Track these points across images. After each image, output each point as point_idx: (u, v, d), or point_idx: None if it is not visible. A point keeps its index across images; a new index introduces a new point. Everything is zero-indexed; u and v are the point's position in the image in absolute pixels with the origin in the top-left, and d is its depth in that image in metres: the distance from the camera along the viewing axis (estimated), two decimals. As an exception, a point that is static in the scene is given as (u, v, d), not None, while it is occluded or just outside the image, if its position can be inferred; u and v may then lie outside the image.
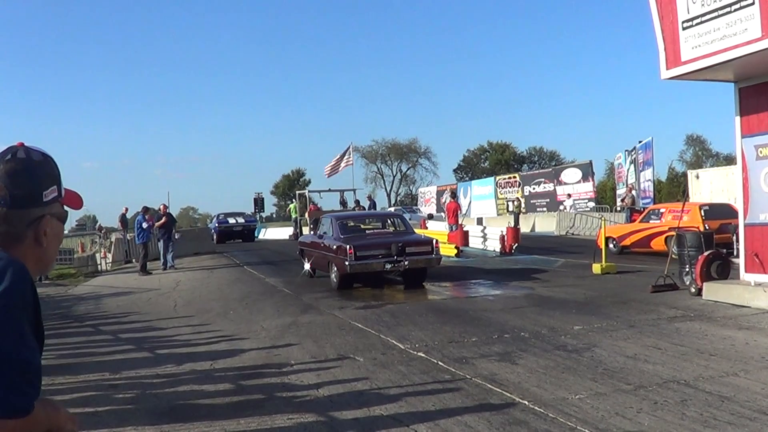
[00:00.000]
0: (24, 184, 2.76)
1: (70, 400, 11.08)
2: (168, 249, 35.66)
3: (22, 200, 2.75)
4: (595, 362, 12.12)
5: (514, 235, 36.32)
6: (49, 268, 3.11)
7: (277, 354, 14.18)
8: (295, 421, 9.61)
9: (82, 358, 14.79)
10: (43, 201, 2.82)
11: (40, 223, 2.81)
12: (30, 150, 2.86)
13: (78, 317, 21.43)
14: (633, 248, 32.05)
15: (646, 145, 52.03)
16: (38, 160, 2.85)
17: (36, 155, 2.85)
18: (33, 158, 2.83)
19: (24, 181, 2.76)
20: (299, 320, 17.94)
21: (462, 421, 9.15)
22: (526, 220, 58.46)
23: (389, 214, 36.50)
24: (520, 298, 20.29)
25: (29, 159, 2.82)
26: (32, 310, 2.61)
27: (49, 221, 2.85)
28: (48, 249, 2.89)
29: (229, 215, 62.61)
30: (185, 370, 13.24)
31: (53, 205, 2.88)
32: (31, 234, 2.80)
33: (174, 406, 10.75)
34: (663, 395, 9.92)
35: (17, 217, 2.75)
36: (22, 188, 2.75)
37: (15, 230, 2.76)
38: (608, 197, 78.42)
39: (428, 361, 12.75)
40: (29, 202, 2.77)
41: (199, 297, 24.44)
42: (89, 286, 31.39)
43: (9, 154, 2.81)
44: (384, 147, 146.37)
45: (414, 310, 18.67)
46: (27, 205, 2.77)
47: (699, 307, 17.17)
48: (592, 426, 8.69)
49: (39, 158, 2.86)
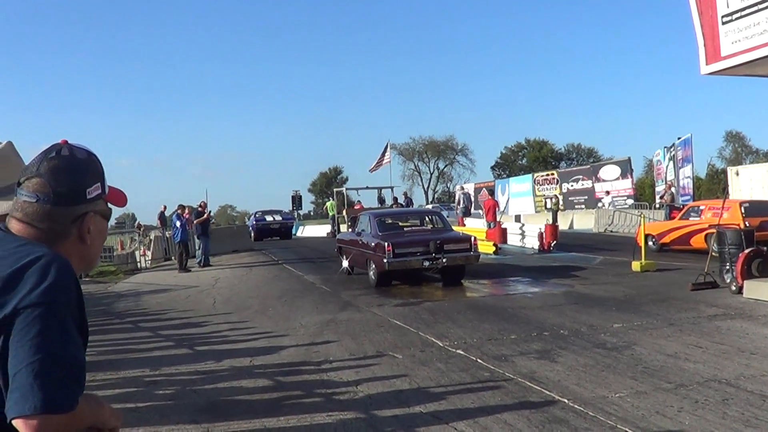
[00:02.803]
0: (67, 181, 2.78)
1: (111, 396, 11.16)
2: (206, 246, 35.88)
3: (65, 197, 2.76)
4: (635, 360, 12.07)
5: (552, 233, 36.18)
6: (93, 265, 3.12)
7: (316, 351, 14.21)
8: (334, 418, 9.62)
9: (122, 355, 14.91)
10: (87, 198, 2.83)
11: (83, 221, 2.83)
12: (74, 147, 2.88)
13: (118, 314, 21.58)
14: (672, 246, 31.77)
15: (685, 141, 51.71)
16: (82, 158, 2.86)
17: (80, 153, 2.87)
18: (77, 155, 2.85)
19: (67, 178, 2.78)
20: (338, 317, 17.97)
21: (501, 419, 9.13)
22: (564, 217, 58.19)
23: (427, 211, 36.48)
24: (558, 296, 20.22)
25: (73, 156, 2.84)
26: (77, 306, 2.62)
27: (92, 218, 2.86)
28: (92, 246, 2.90)
29: (266, 213, 62.71)
30: (224, 366, 13.30)
31: (97, 203, 2.89)
32: (75, 231, 2.82)
33: (213, 403, 10.80)
34: (704, 394, 9.86)
35: (61, 214, 2.77)
36: (65, 185, 2.76)
37: (59, 227, 2.77)
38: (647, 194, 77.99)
39: (467, 359, 12.73)
40: (73, 200, 2.79)
41: (237, 294, 24.52)
42: (129, 283, 31.54)
43: (53, 152, 2.82)
44: (421, 144, 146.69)
45: (452, 308, 18.65)
46: (71, 203, 2.78)
47: (739, 305, 17.04)
48: (632, 425, 8.65)
49: (83, 156, 2.87)
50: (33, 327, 2.42)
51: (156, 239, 43.34)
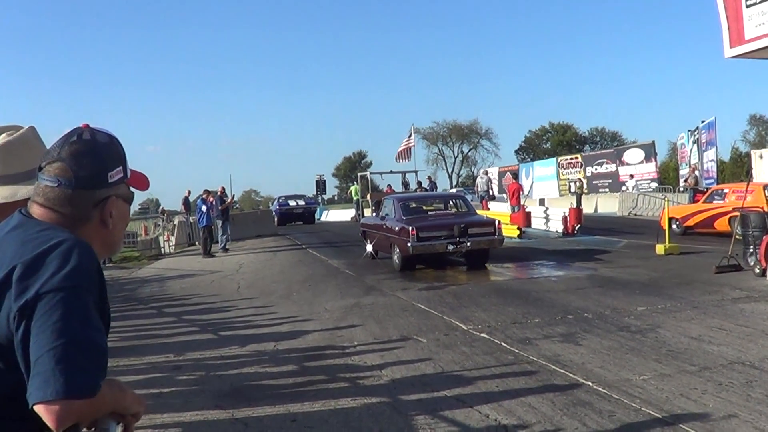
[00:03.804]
0: (89, 165, 2.77)
1: (135, 382, 11.22)
2: (225, 231, 36.10)
3: (87, 181, 2.76)
4: (659, 343, 12.04)
5: (576, 216, 36.04)
6: (116, 250, 3.12)
7: (341, 335, 14.24)
8: (359, 402, 9.65)
9: (146, 340, 14.98)
10: (109, 182, 2.82)
11: (105, 205, 2.83)
12: (95, 131, 2.87)
13: (142, 299, 21.69)
14: (696, 229, 31.64)
15: (709, 125, 51.45)
16: (104, 142, 2.86)
17: (101, 136, 2.86)
18: (98, 139, 2.84)
19: (89, 162, 2.78)
20: (362, 302, 17.99)
21: (526, 402, 9.14)
22: (588, 200, 57.94)
23: (451, 195, 36.44)
24: (582, 279, 20.18)
25: (94, 140, 2.83)
26: (98, 291, 2.62)
27: (114, 202, 2.86)
28: (114, 230, 2.90)
29: (289, 198, 62.75)
30: (249, 351, 13.34)
31: (119, 186, 2.89)
32: (97, 215, 2.82)
33: (238, 388, 10.82)
34: (728, 376, 9.84)
35: (83, 198, 2.77)
36: (87, 169, 2.76)
37: (81, 212, 2.78)
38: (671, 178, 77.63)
39: (491, 342, 12.74)
40: (94, 183, 2.78)
41: (262, 279, 24.59)
42: (153, 268, 31.71)
43: (74, 136, 2.82)
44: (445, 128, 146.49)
45: (476, 291, 18.64)
46: (92, 186, 2.78)
47: (763, 288, 16.95)
48: (656, 407, 8.64)
49: (104, 139, 2.87)
50: (55, 312, 2.43)
51: (180, 224, 43.34)
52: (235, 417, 9.34)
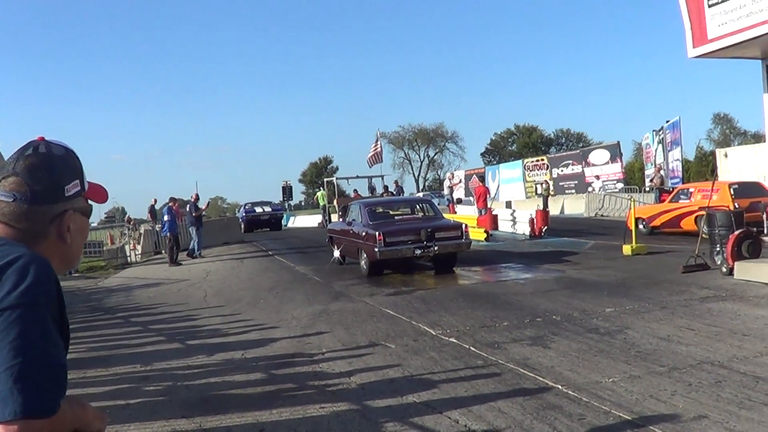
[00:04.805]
0: (45, 179, 2.69)
1: (102, 393, 11.16)
2: (199, 237, 36.06)
3: (43, 196, 2.69)
4: (627, 344, 12.06)
5: (543, 218, 36.21)
6: (75, 264, 3.05)
7: (309, 342, 14.19)
8: (327, 410, 9.59)
9: (113, 351, 14.87)
10: (65, 196, 2.75)
11: (63, 219, 2.75)
12: (51, 144, 2.79)
13: (108, 309, 21.53)
14: (663, 228, 31.86)
15: (674, 124, 51.74)
16: (59, 155, 2.78)
17: (57, 149, 2.79)
18: (54, 152, 2.77)
19: (45, 176, 2.70)
20: (330, 308, 17.95)
21: (495, 407, 9.11)
22: (554, 202, 58.28)
23: (418, 199, 36.50)
24: (550, 281, 20.23)
25: (50, 153, 2.76)
26: (57, 307, 2.55)
27: (72, 216, 2.79)
28: (72, 245, 2.83)
29: (255, 204, 63.13)
30: (216, 360, 13.28)
31: (76, 200, 2.81)
32: (54, 230, 2.74)
33: (206, 398, 10.75)
34: (697, 377, 9.85)
35: (39, 213, 2.69)
36: (42, 183, 2.68)
37: (37, 227, 2.70)
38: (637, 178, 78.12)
39: (460, 347, 12.72)
40: (51, 198, 2.71)
41: (229, 287, 24.51)
42: (119, 278, 31.51)
43: (30, 149, 2.74)
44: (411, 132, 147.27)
45: (445, 296, 18.64)
46: (49, 201, 2.70)
47: (731, 286, 17.06)
48: (626, 409, 8.63)
49: (60, 152, 2.79)
50: (12, 329, 2.37)
51: (146, 233, 43.15)
52: (202, 427, 9.27)
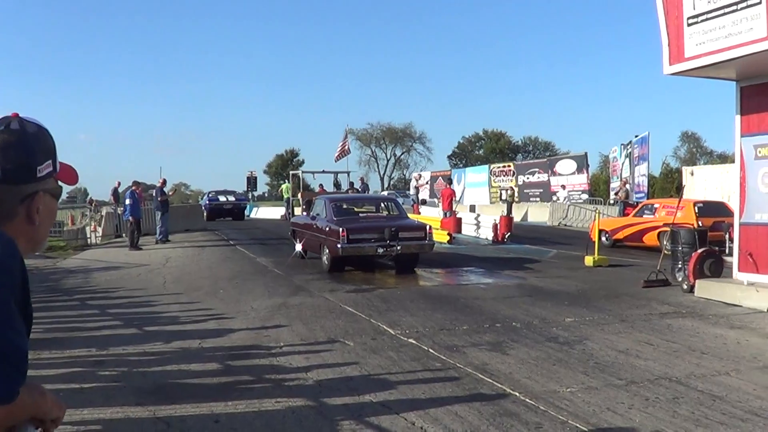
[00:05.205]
0: (17, 158, 2.61)
1: (56, 376, 11.04)
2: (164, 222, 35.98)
3: (14, 175, 2.60)
4: (586, 355, 12.08)
5: (507, 224, 36.32)
6: (42, 246, 2.96)
7: (267, 335, 14.11)
8: (283, 404, 9.53)
9: (69, 333, 14.68)
10: (37, 176, 2.67)
11: (33, 200, 2.67)
12: (25, 121, 2.70)
13: (66, 291, 21.32)
14: (625, 242, 32.10)
15: (643, 139, 52.06)
16: (33, 132, 2.69)
17: (31, 127, 2.70)
18: (28, 130, 2.68)
19: (17, 154, 2.61)
20: (289, 302, 17.87)
21: (452, 411, 9.08)
22: (518, 209, 58.42)
23: (383, 198, 36.49)
24: (512, 288, 20.26)
25: (23, 131, 2.66)
26: (20, 289, 2.48)
27: (42, 198, 2.70)
28: (41, 226, 2.75)
29: (219, 193, 62.75)
30: (173, 348, 13.16)
31: (47, 181, 2.73)
32: (23, 211, 2.65)
33: (161, 385, 10.65)
34: (654, 392, 9.87)
35: (9, 193, 2.61)
36: (14, 162, 2.60)
37: (6, 207, 2.61)
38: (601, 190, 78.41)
39: (419, 348, 12.69)
40: (22, 178, 2.63)
41: (188, 274, 24.38)
42: (78, 259, 31.23)
43: (2, 126, 2.65)
44: (379, 130, 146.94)
45: (405, 296, 18.61)
46: (20, 181, 2.62)
47: (691, 304, 17.16)
48: (583, 420, 8.63)
49: (34, 130, 2.70)
50: None
51: (108, 215, 42.83)
52: (157, 416, 9.16)
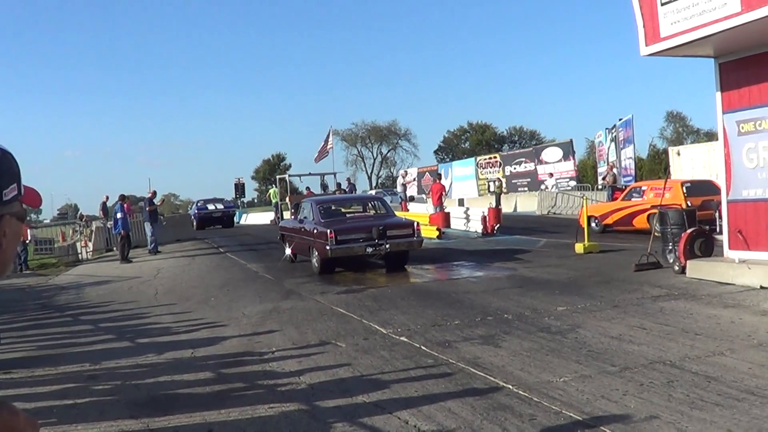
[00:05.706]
0: None
1: (49, 392, 11.05)
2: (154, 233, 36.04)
3: None
4: (579, 344, 12.05)
5: (495, 216, 36.27)
6: (7, 269, 2.92)
7: (259, 341, 14.09)
8: (276, 410, 9.50)
9: (62, 349, 14.70)
10: (3, 200, 2.63)
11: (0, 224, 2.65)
12: None
13: (59, 307, 21.33)
14: (615, 227, 32.06)
15: (627, 122, 52.11)
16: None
17: None
18: None
19: None
20: (280, 306, 17.85)
21: (445, 407, 9.06)
22: (507, 200, 58.51)
23: (370, 197, 36.47)
24: (502, 280, 20.22)
25: None
26: None
27: (8, 221, 2.67)
28: (7, 249, 2.71)
29: (208, 201, 62.75)
30: (166, 359, 13.14)
31: (13, 204, 2.69)
32: (-11, 235, 2.62)
33: (154, 397, 10.63)
34: (649, 377, 9.84)
35: None
36: None
37: None
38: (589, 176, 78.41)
39: (411, 346, 12.67)
40: None
41: (180, 284, 24.33)
42: (70, 275, 31.21)
43: None
44: (364, 130, 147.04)
45: (396, 294, 18.58)
46: None
47: (683, 285, 17.13)
48: (577, 410, 8.60)
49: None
50: None
51: (98, 230, 42.88)
52: (150, 428, 9.15)
